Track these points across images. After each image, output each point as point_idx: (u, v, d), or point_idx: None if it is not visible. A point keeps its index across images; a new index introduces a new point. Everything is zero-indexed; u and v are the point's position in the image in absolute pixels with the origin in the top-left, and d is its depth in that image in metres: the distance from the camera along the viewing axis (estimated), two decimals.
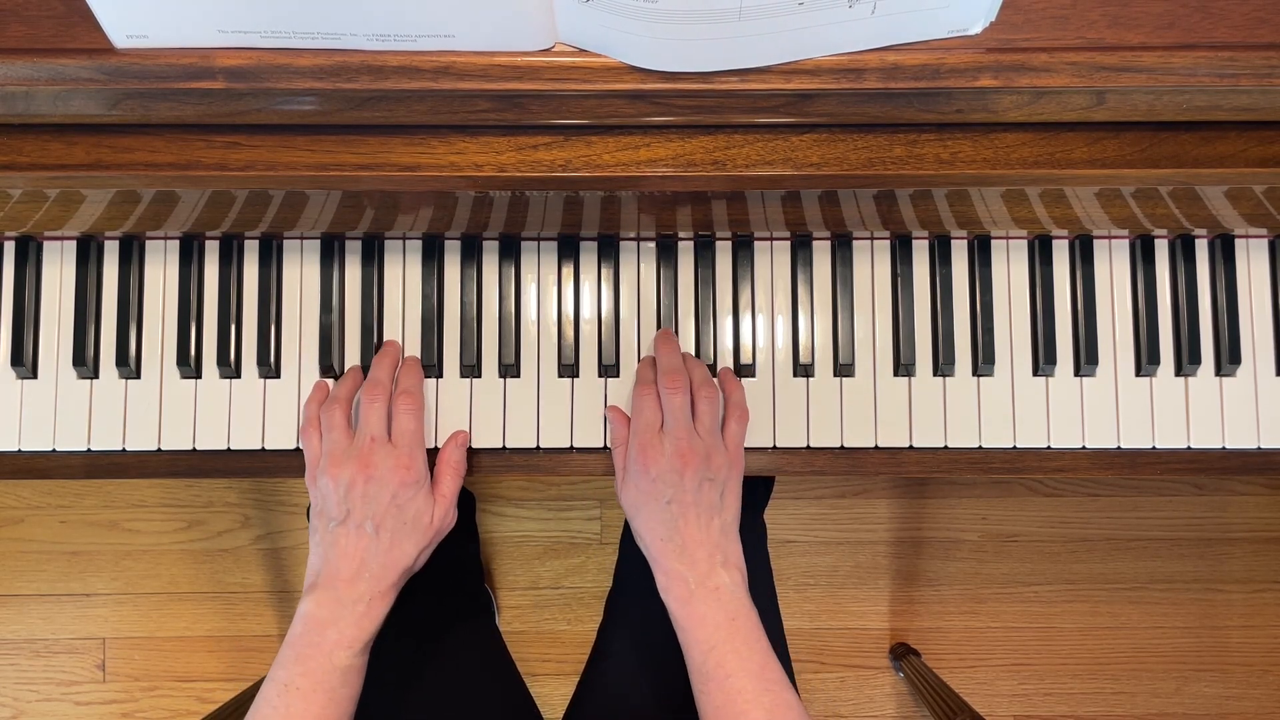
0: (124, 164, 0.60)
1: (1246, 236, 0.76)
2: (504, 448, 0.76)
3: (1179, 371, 0.76)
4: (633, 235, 0.76)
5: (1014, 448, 0.76)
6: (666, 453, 0.67)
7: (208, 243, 0.76)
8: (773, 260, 0.77)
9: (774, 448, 0.75)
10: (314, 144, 0.60)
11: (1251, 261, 0.76)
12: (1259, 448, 0.75)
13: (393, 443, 0.68)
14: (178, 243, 0.76)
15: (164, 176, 0.61)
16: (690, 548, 0.66)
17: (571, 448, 0.76)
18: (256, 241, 0.76)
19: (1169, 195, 0.66)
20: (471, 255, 0.76)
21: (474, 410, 0.76)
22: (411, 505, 0.67)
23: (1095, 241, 0.76)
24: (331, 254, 0.76)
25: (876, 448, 0.76)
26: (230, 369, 0.75)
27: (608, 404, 0.75)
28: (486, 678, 0.89)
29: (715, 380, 0.74)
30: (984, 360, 0.75)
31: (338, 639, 0.64)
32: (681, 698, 0.69)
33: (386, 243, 0.76)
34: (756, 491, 1.01)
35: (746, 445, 0.75)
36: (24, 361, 0.75)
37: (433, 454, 0.74)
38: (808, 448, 0.76)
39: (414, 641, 0.86)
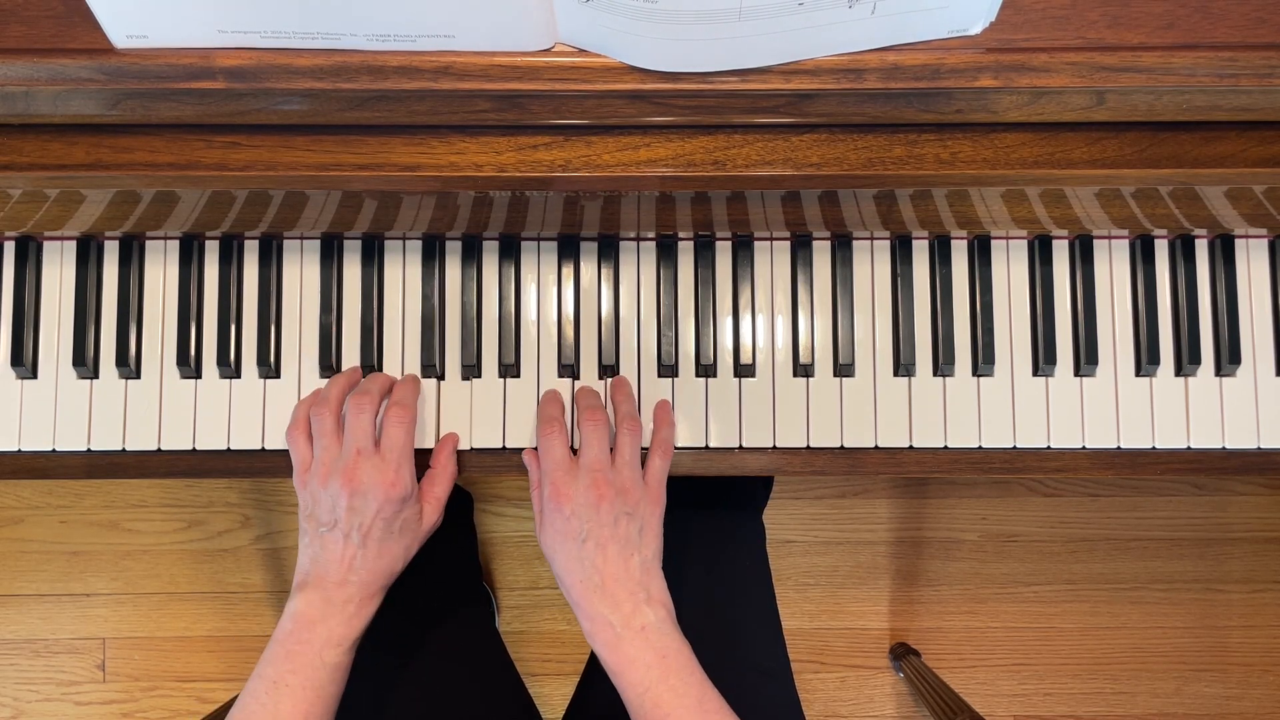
0: (124, 164, 0.60)
1: (1246, 236, 0.76)
2: (504, 448, 0.76)
3: (1179, 371, 0.76)
4: (633, 235, 0.76)
5: (1014, 448, 0.76)
6: (581, 486, 0.66)
7: (208, 243, 0.76)
8: (773, 260, 0.77)
9: (774, 448, 0.75)
10: (314, 144, 0.60)
11: (1251, 261, 0.76)
12: (1259, 448, 0.75)
13: (380, 455, 0.67)
14: (178, 243, 0.76)
15: (164, 176, 0.61)
16: (610, 586, 0.65)
17: (572, 447, 0.75)
18: (256, 241, 0.76)
19: (1169, 195, 0.66)
20: (471, 255, 0.76)
21: (474, 410, 0.76)
22: (398, 517, 0.67)
23: (1095, 241, 0.76)
24: (331, 254, 0.76)
25: (876, 448, 0.76)
26: (230, 369, 0.75)
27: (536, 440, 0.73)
28: (486, 673, 0.89)
29: (639, 416, 0.73)
30: (984, 360, 0.75)
31: (327, 637, 0.64)
32: None
33: (386, 243, 0.76)
34: (756, 493, 1.01)
35: (747, 446, 0.75)
36: (24, 361, 0.75)
37: (426, 457, 0.74)
38: (808, 448, 0.76)
39: (413, 624, 0.86)
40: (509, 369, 0.76)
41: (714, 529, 0.92)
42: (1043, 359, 0.75)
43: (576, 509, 0.66)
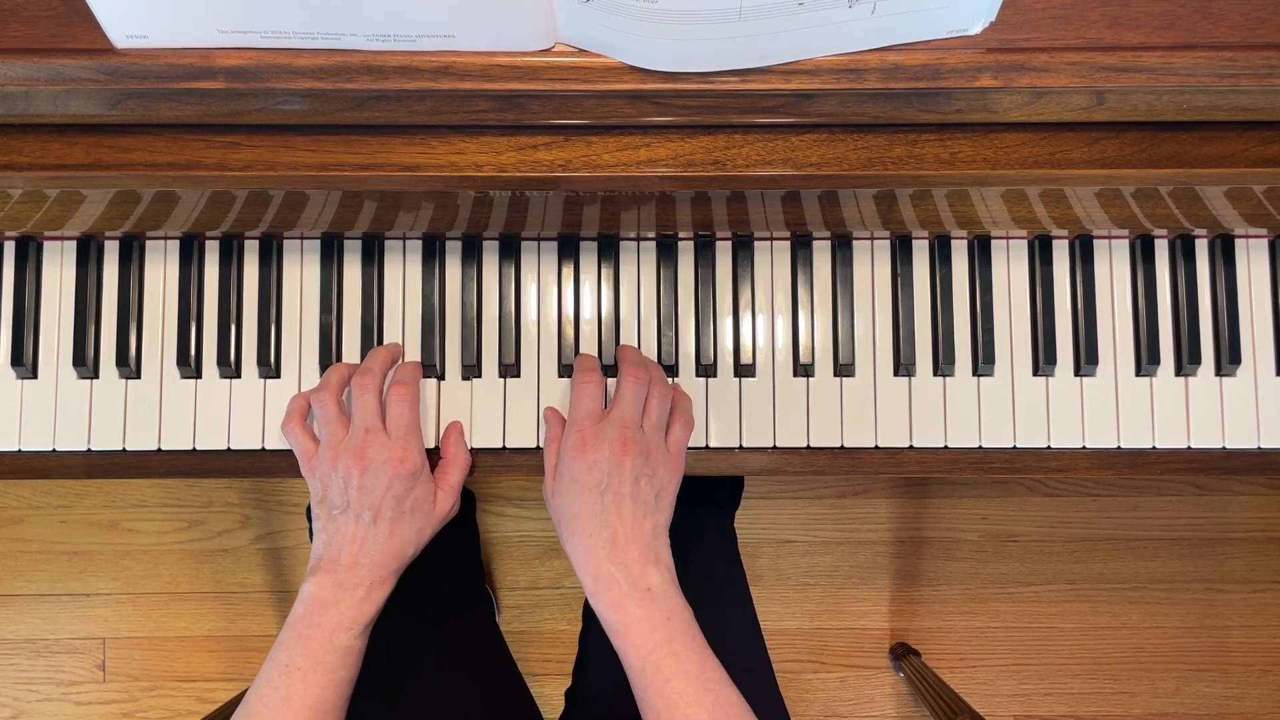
0: (124, 164, 0.60)
1: (1246, 236, 0.76)
2: (504, 448, 0.76)
3: (1179, 371, 0.76)
4: (633, 235, 0.76)
5: (1014, 448, 0.76)
6: (609, 439, 0.66)
7: (208, 243, 0.76)
8: (773, 260, 0.77)
9: (774, 448, 0.75)
10: (314, 144, 0.60)
11: (1251, 261, 0.76)
12: (1259, 448, 0.75)
13: (388, 433, 0.68)
14: (178, 243, 0.76)
15: (164, 176, 0.61)
16: (621, 544, 0.64)
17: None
18: (256, 241, 0.76)
19: (1169, 195, 0.66)
20: (471, 255, 0.76)
21: (474, 410, 0.76)
22: (409, 495, 0.67)
23: (1095, 241, 0.76)
24: (331, 254, 0.76)
25: (876, 448, 0.76)
26: (230, 369, 0.75)
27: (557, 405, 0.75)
28: (488, 673, 0.89)
29: (668, 383, 0.73)
30: (984, 360, 0.75)
31: (338, 620, 0.64)
32: None
33: (387, 243, 0.76)
34: (728, 495, 1.01)
35: (747, 445, 0.75)
36: (24, 361, 0.75)
37: (434, 456, 0.74)
38: (808, 448, 0.76)
39: (414, 622, 0.86)
40: (509, 369, 0.76)
41: (690, 530, 0.92)
42: (1043, 359, 0.75)
43: (599, 460, 0.65)
